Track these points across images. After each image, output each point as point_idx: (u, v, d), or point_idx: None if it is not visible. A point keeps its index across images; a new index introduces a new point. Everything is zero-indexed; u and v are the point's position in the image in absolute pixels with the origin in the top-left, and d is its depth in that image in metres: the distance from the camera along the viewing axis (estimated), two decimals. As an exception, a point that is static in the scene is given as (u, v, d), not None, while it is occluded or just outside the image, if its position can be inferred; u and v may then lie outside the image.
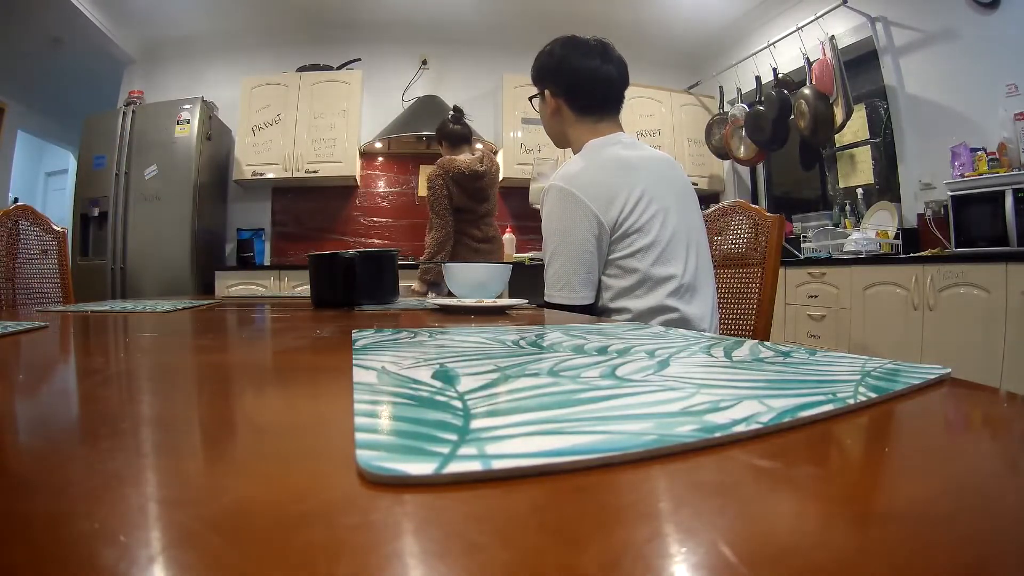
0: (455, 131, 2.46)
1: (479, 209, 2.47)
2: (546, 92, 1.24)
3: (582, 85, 1.20)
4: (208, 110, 3.71)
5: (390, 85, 4.27)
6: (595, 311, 1.13)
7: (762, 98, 3.67)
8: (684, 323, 1.08)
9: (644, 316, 1.08)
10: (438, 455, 0.20)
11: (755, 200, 4.34)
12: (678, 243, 1.11)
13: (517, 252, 4.04)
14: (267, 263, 4.10)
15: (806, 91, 3.30)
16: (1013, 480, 0.21)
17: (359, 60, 4.14)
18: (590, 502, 0.17)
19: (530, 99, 1.32)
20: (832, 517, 0.17)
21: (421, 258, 2.46)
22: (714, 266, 1.47)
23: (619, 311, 1.10)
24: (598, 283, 1.12)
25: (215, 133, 3.80)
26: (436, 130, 2.54)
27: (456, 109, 2.49)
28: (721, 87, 4.27)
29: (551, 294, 1.13)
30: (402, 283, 1.34)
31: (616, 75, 1.20)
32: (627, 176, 1.11)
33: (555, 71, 1.22)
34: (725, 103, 4.24)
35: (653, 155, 1.21)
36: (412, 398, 0.29)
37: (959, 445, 0.26)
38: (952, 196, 2.56)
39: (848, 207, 3.41)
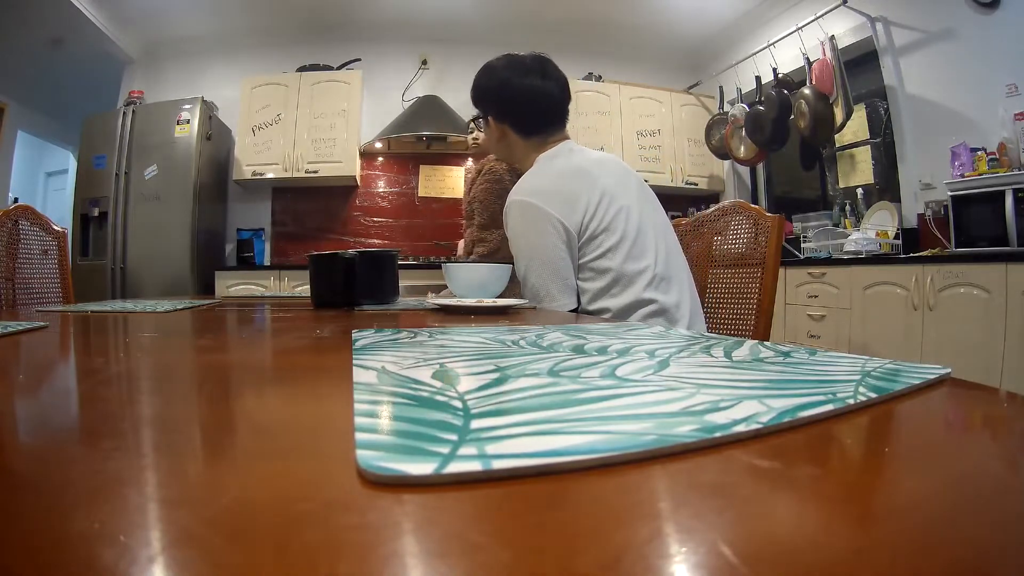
0: None
1: None
2: (489, 118, 1.24)
3: (524, 107, 1.19)
4: (208, 110, 3.71)
5: (390, 85, 4.27)
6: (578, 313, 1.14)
7: (762, 98, 3.67)
8: (663, 313, 1.09)
9: (624, 313, 1.08)
10: (438, 455, 0.20)
11: (755, 200, 4.34)
12: (645, 236, 1.12)
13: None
14: (267, 263, 4.10)
15: (806, 91, 3.30)
16: (1013, 480, 0.21)
17: (359, 60, 4.14)
18: (590, 502, 0.17)
19: (472, 120, 1.31)
20: (832, 517, 0.17)
21: (468, 258, 2.31)
22: (714, 266, 1.47)
23: (599, 312, 1.10)
24: (575, 286, 1.13)
25: (215, 133, 3.80)
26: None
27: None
28: (721, 87, 4.27)
29: (550, 308, 1.13)
30: (403, 283, 1.34)
31: (556, 91, 1.20)
32: (584, 180, 1.12)
33: (495, 96, 1.21)
34: (725, 103, 4.24)
35: (603, 157, 1.22)
36: (412, 398, 0.29)
37: (959, 445, 0.26)
38: (952, 196, 2.55)
39: (848, 207, 3.41)
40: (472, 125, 2.41)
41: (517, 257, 1.15)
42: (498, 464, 0.19)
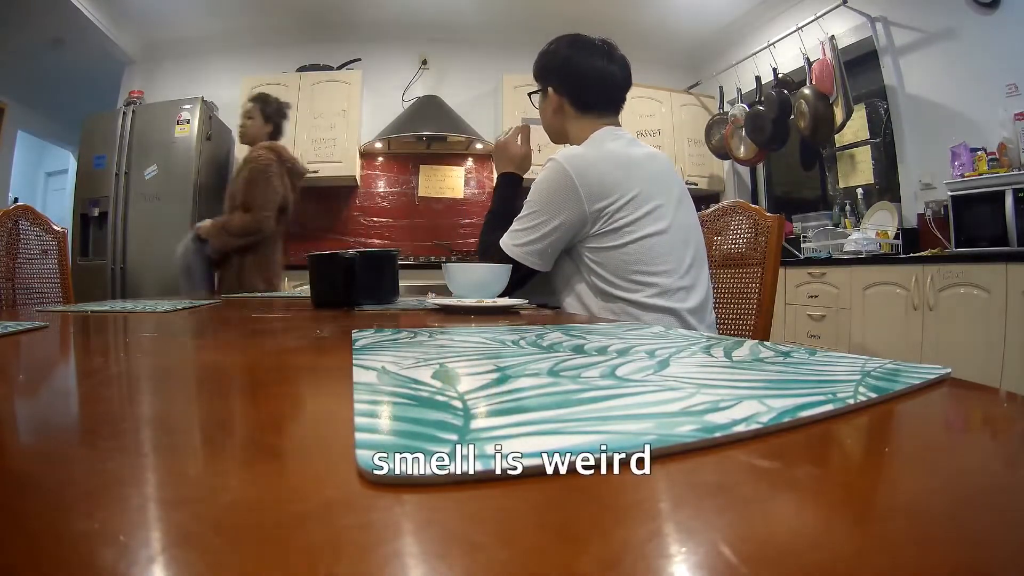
0: (284, 118, 2.10)
1: (287, 223, 2.07)
2: (548, 89, 1.25)
3: (586, 84, 1.21)
4: (208, 110, 3.71)
5: (390, 85, 4.27)
6: (531, 282, 1.18)
7: (762, 98, 3.67)
8: (675, 321, 1.09)
9: (637, 314, 1.08)
10: (438, 455, 0.20)
11: (755, 200, 4.33)
12: (672, 243, 1.12)
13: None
14: (267, 263, 4.10)
15: (806, 91, 3.29)
16: (1013, 479, 0.21)
17: (359, 60, 4.14)
18: (590, 502, 0.17)
19: (529, 95, 1.33)
20: (832, 517, 0.17)
21: (220, 220, 2.11)
22: (714, 266, 1.47)
23: (611, 312, 1.10)
24: (544, 258, 1.15)
25: (215, 133, 3.80)
26: (271, 104, 2.15)
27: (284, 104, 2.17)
28: (721, 87, 4.27)
29: (507, 240, 1.16)
30: (403, 283, 1.34)
31: (620, 75, 1.22)
32: (626, 173, 1.12)
33: (559, 69, 1.24)
34: (725, 103, 4.24)
35: (654, 154, 1.22)
36: (412, 398, 0.29)
37: (959, 445, 0.26)
38: (952, 196, 2.55)
39: (848, 207, 3.41)
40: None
41: (529, 197, 1.17)
42: (498, 464, 0.19)
